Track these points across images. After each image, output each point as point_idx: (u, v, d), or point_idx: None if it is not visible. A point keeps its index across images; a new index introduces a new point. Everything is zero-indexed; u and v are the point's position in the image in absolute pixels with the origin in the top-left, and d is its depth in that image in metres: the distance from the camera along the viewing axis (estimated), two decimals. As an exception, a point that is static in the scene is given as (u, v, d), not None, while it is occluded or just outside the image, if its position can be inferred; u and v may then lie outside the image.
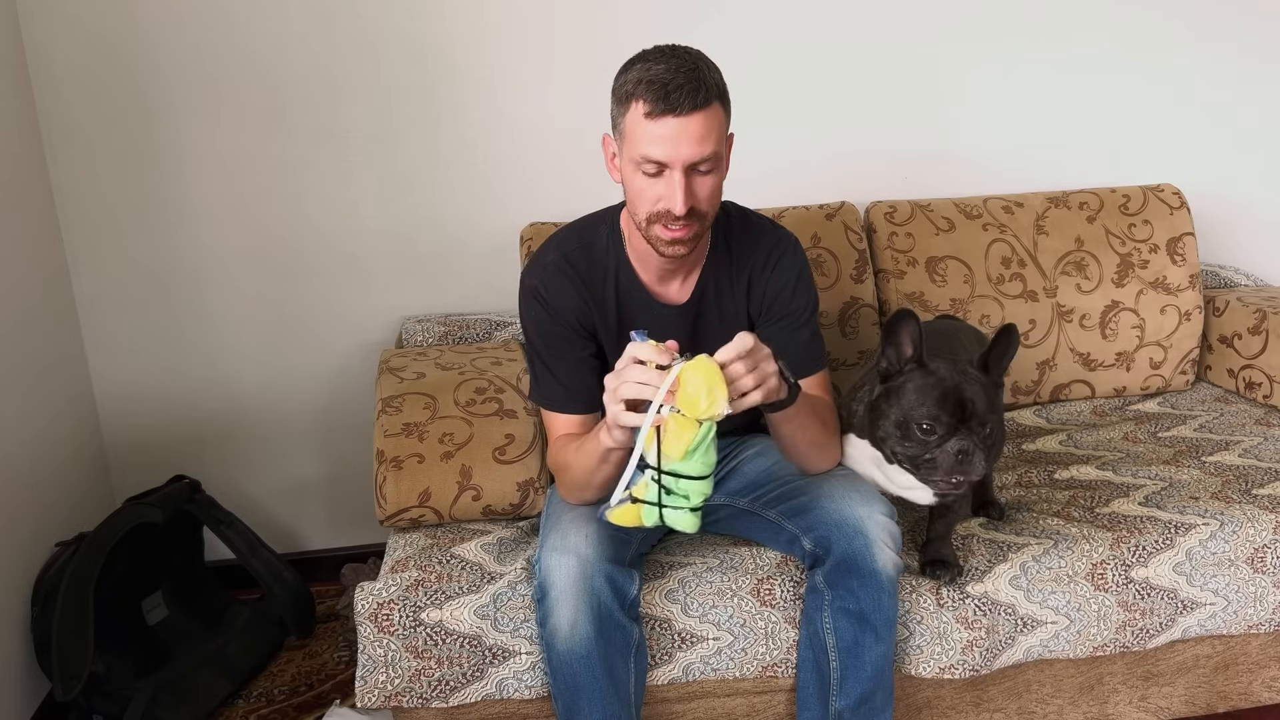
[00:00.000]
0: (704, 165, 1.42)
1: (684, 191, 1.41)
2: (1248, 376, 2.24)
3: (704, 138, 1.39)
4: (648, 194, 1.44)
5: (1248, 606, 1.74)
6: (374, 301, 2.29)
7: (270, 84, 2.14)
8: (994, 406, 1.47)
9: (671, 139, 1.39)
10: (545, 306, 1.57)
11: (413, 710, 1.61)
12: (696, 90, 1.37)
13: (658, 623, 1.60)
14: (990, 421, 1.46)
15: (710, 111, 1.39)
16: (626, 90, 1.41)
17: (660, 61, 1.40)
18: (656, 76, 1.38)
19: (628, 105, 1.41)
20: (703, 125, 1.39)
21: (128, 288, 2.20)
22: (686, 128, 1.38)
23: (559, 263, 1.58)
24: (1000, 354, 1.51)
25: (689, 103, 1.37)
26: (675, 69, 1.38)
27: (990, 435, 1.47)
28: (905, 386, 1.50)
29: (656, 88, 1.37)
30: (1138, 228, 2.27)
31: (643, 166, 1.42)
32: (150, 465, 2.25)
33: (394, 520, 1.72)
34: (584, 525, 1.52)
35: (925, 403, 1.46)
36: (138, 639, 2.02)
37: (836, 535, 1.53)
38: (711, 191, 1.46)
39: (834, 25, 2.30)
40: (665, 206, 1.43)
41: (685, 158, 1.40)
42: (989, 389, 1.49)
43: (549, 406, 1.61)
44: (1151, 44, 2.43)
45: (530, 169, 2.26)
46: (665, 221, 1.45)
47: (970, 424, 1.45)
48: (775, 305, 1.61)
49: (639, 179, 1.44)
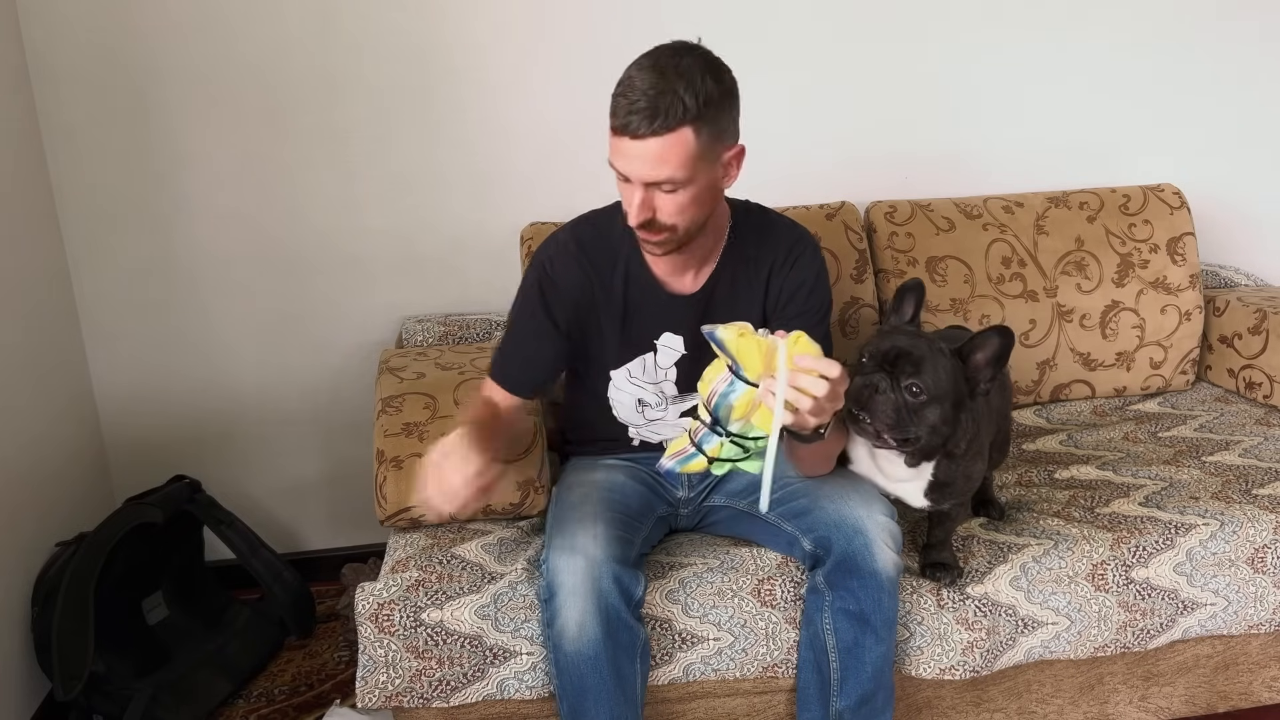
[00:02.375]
0: (665, 186, 1.42)
1: (639, 204, 1.43)
2: (1248, 376, 2.24)
3: (660, 162, 1.39)
4: (623, 198, 1.48)
5: (1248, 607, 1.74)
6: (374, 301, 2.29)
7: (270, 84, 2.14)
8: (935, 375, 1.45)
9: (627, 159, 1.41)
10: (543, 283, 1.62)
11: (413, 710, 1.61)
12: (655, 116, 1.36)
13: (659, 623, 1.60)
14: (918, 383, 1.44)
15: (672, 138, 1.37)
16: (613, 92, 1.42)
17: (642, 71, 1.38)
18: (626, 91, 1.38)
19: (611, 108, 1.42)
20: (659, 150, 1.38)
21: (128, 288, 2.20)
22: (642, 151, 1.39)
23: (569, 243, 1.62)
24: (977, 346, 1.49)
25: (645, 127, 1.37)
26: (649, 86, 1.36)
27: (917, 395, 1.45)
28: (879, 335, 1.54)
29: (623, 105, 1.38)
30: (1138, 228, 2.27)
31: (615, 171, 1.45)
32: (150, 465, 2.25)
33: (394, 520, 1.72)
34: (591, 526, 1.52)
35: (872, 345, 1.50)
36: (138, 639, 2.02)
37: (836, 535, 1.53)
38: (679, 207, 1.45)
39: (834, 25, 2.30)
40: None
41: (642, 177, 1.41)
42: (940, 361, 1.47)
43: (496, 377, 1.64)
44: (1152, 44, 2.43)
45: (530, 169, 2.26)
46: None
47: (896, 371, 1.45)
48: (791, 303, 1.62)
49: (619, 182, 1.47)
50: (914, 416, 1.46)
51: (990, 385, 1.52)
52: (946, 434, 1.50)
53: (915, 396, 1.45)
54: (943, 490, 1.59)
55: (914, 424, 1.46)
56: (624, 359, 1.67)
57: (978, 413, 1.57)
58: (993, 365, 1.49)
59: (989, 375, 1.50)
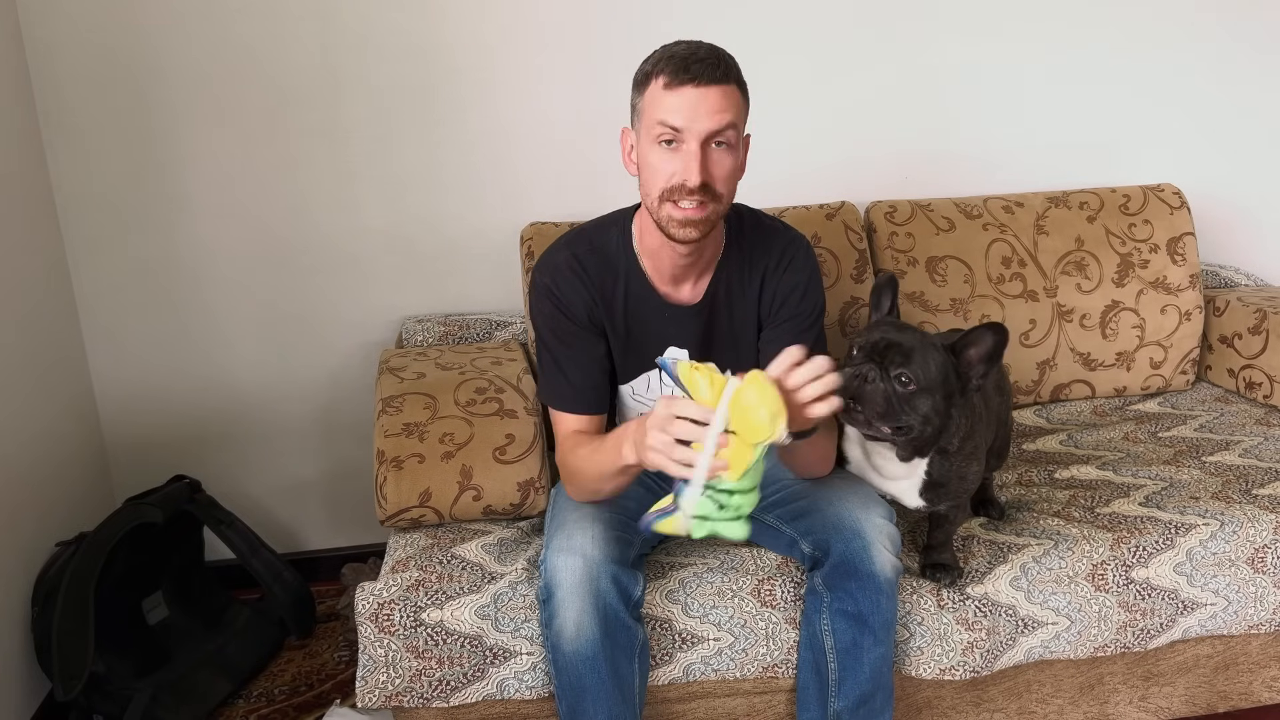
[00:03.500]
0: (720, 138, 1.42)
1: (699, 163, 1.41)
2: (1248, 376, 2.24)
3: (722, 109, 1.40)
4: (663, 170, 1.43)
5: (1248, 607, 1.74)
6: (374, 301, 2.29)
7: (271, 83, 2.14)
8: (925, 366, 1.46)
9: (690, 107, 1.39)
10: (558, 304, 1.57)
11: (413, 710, 1.61)
12: (716, 66, 1.40)
13: (659, 623, 1.60)
14: (907, 372, 1.46)
15: (729, 89, 1.41)
16: (646, 70, 1.44)
17: (681, 44, 1.43)
18: (678, 53, 1.41)
19: (647, 84, 1.43)
20: (721, 98, 1.40)
21: (128, 287, 2.20)
22: (705, 98, 1.39)
23: (570, 262, 1.58)
24: (971, 342, 1.49)
25: (708, 75, 1.39)
26: (696, 47, 1.42)
27: (906, 385, 1.46)
28: (868, 327, 1.57)
29: (677, 61, 1.40)
30: (1138, 227, 2.27)
31: (660, 136, 1.42)
32: (150, 465, 2.25)
33: (394, 520, 1.72)
34: (589, 526, 1.52)
35: (862, 334, 1.53)
36: (138, 639, 2.02)
37: (835, 538, 1.53)
38: (729, 172, 1.45)
39: (835, 25, 2.30)
40: (680, 180, 1.42)
41: (702, 128, 1.40)
42: (930, 354, 1.48)
43: (558, 406, 1.61)
44: (1152, 44, 2.43)
45: (530, 169, 2.26)
46: (678, 198, 1.43)
47: (885, 361, 1.47)
48: (784, 307, 1.61)
49: (655, 153, 1.44)
50: (905, 405, 1.47)
51: (983, 381, 1.53)
52: (939, 425, 1.51)
53: (905, 386, 1.47)
54: (938, 490, 1.59)
55: (905, 413, 1.47)
56: (628, 376, 1.65)
57: (972, 410, 1.57)
58: (986, 362, 1.50)
59: (981, 371, 1.51)
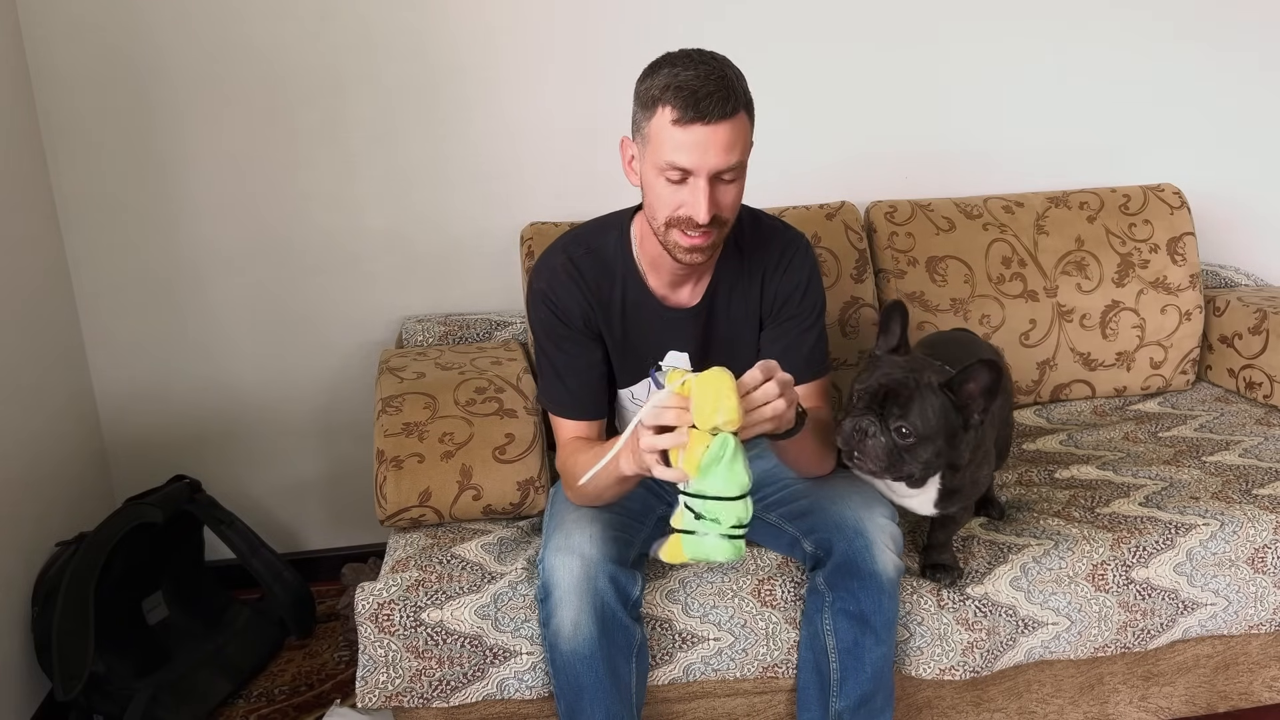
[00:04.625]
0: (728, 174, 1.40)
1: (708, 199, 1.39)
2: (1248, 376, 2.24)
3: (730, 146, 1.38)
4: (669, 200, 1.42)
5: (1248, 607, 1.74)
6: (375, 301, 2.29)
7: (272, 82, 2.14)
8: (924, 415, 1.45)
9: (699, 146, 1.36)
10: (554, 310, 1.57)
11: (413, 710, 1.61)
12: (726, 99, 1.35)
13: (659, 623, 1.60)
14: (906, 425, 1.44)
15: (737, 121, 1.38)
16: (653, 95, 1.39)
17: (690, 67, 1.37)
18: (686, 83, 1.35)
19: (653, 110, 1.39)
20: (730, 134, 1.37)
21: (128, 286, 2.20)
22: (714, 136, 1.36)
23: (566, 266, 1.57)
24: (967, 378, 1.46)
25: (718, 111, 1.35)
26: (705, 76, 1.36)
27: (906, 437, 1.45)
28: (869, 366, 1.54)
29: (686, 94, 1.35)
30: (1138, 227, 2.27)
31: (667, 173, 1.40)
32: (150, 465, 2.25)
33: (394, 520, 1.72)
34: (587, 525, 1.52)
35: (863, 381, 1.51)
36: (138, 639, 2.02)
37: (837, 537, 1.53)
38: (734, 200, 1.45)
39: (835, 25, 2.30)
40: (687, 214, 1.41)
41: (711, 166, 1.38)
42: (929, 399, 1.46)
43: (557, 412, 1.61)
44: (1152, 44, 2.43)
45: (531, 169, 2.26)
46: (684, 228, 1.43)
47: (885, 413, 1.46)
48: (785, 306, 1.61)
49: (660, 184, 1.42)
50: (906, 455, 1.46)
51: (984, 416, 1.50)
52: (943, 463, 1.50)
53: (905, 438, 1.46)
54: (951, 497, 1.59)
55: (907, 463, 1.47)
56: (626, 380, 1.65)
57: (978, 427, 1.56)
58: (984, 396, 1.47)
59: (981, 406, 1.48)
